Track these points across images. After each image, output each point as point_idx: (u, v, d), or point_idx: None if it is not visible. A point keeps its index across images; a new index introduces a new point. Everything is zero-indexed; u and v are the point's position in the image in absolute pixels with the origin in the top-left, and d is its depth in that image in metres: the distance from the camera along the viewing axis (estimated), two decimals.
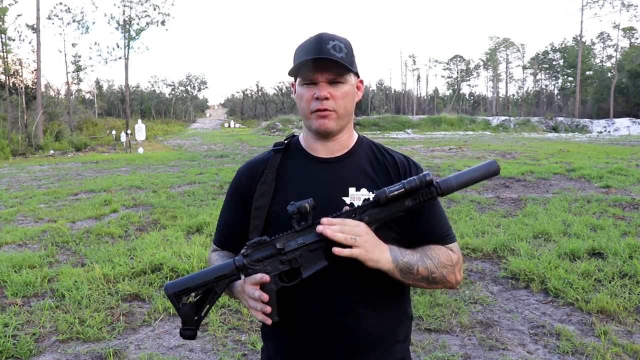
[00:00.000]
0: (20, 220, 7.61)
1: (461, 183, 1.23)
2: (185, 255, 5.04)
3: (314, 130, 1.30)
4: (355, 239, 1.14)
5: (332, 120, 1.27)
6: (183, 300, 1.22)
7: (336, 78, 1.25)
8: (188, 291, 1.22)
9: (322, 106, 1.25)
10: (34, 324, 3.68)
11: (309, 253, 1.20)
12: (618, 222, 6.32)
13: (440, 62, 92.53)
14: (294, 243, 1.20)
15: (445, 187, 1.22)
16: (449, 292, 4.14)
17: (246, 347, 3.33)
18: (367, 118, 43.05)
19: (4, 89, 28.02)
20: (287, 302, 1.26)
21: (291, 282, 1.21)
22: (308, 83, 1.27)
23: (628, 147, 19.25)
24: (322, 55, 1.22)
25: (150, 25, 39.14)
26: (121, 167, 15.92)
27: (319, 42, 1.24)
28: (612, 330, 3.39)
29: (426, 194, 1.21)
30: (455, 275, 1.27)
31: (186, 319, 1.23)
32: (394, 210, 1.21)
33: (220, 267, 1.23)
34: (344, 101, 1.27)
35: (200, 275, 1.23)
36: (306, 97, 1.27)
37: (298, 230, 1.20)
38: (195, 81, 79.71)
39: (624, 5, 51.02)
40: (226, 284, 1.23)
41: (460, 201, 8.14)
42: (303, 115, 1.31)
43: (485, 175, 1.24)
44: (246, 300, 1.21)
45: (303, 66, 1.25)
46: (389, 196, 1.18)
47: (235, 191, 1.41)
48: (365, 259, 1.15)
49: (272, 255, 1.21)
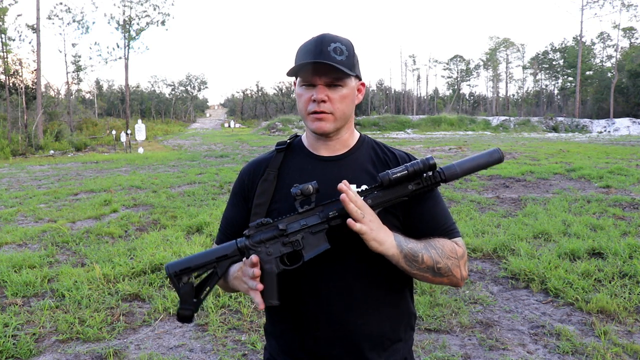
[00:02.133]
0: (20, 220, 7.62)
1: (465, 170, 1.22)
2: (185, 255, 5.03)
3: (312, 131, 1.31)
4: (363, 215, 1.14)
5: (328, 123, 1.27)
6: (183, 280, 1.21)
7: (334, 81, 1.25)
8: (189, 271, 1.21)
9: (318, 109, 1.25)
10: (34, 324, 3.68)
11: (311, 235, 1.19)
12: (618, 222, 6.32)
13: (440, 62, 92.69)
14: (297, 225, 1.20)
15: (449, 173, 1.22)
16: (449, 292, 4.14)
17: (246, 347, 3.33)
18: (367, 118, 43.02)
19: (4, 89, 28.02)
20: (289, 298, 1.26)
21: (293, 265, 1.21)
22: (307, 84, 1.27)
23: (628, 147, 19.25)
24: (321, 59, 1.21)
25: (150, 25, 39.17)
26: (121, 167, 15.92)
27: (319, 44, 1.23)
28: (612, 330, 3.39)
29: (429, 179, 1.21)
30: (460, 269, 1.26)
31: (185, 298, 1.21)
32: (397, 194, 1.21)
33: (222, 248, 1.23)
34: (342, 104, 1.27)
35: (202, 256, 1.22)
36: (304, 99, 1.28)
37: (301, 212, 1.20)
38: (195, 81, 79.73)
39: (624, 5, 51.04)
40: (227, 265, 1.22)
41: (460, 201, 8.14)
42: (301, 115, 1.32)
43: (488, 162, 1.23)
44: (245, 283, 1.20)
45: (302, 68, 1.25)
46: (391, 178, 1.18)
47: (237, 190, 1.42)
48: (369, 239, 1.14)
49: (275, 237, 1.20)
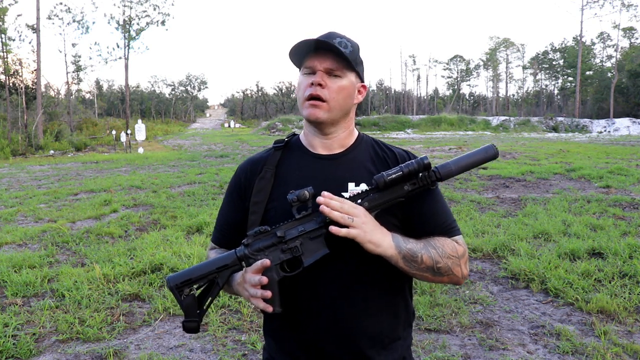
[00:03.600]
0: (20, 220, 7.61)
1: (460, 167, 1.22)
2: (185, 255, 5.04)
3: (305, 118, 1.30)
4: (352, 220, 1.13)
5: (322, 111, 1.26)
6: (185, 292, 1.21)
7: (334, 70, 1.25)
8: (190, 283, 1.21)
9: (314, 92, 1.25)
10: (34, 324, 3.68)
11: (310, 241, 1.19)
12: (618, 222, 6.32)
13: (440, 62, 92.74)
14: (295, 231, 1.20)
15: (445, 171, 1.22)
16: (449, 292, 4.14)
17: (246, 347, 3.33)
18: (367, 118, 43.00)
19: (4, 89, 28.02)
20: (287, 298, 1.25)
21: (293, 271, 1.21)
22: (308, 72, 1.27)
23: (628, 147, 19.25)
24: (325, 42, 1.23)
25: (150, 25, 39.19)
26: (121, 167, 15.92)
27: (326, 35, 1.26)
28: (612, 330, 3.39)
29: (425, 179, 1.21)
30: (461, 268, 1.25)
31: (188, 311, 1.22)
32: (394, 195, 1.21)
33: (221, 258, 1.23)
34: (339, 95, 1.26)
35: (202, 267, 1.23)
36: (303, 85, 1.28)
37: (298, 219, 1.20)
38: (195, 81, 79.72)
39: (624, 5, 51.03)
40: (228, 274, 1.22)
41: (460, 201, 8.14)
42: (299, 104, 1.31)
43: (484, 159, 1.23)
44: (246, 290, 1.20)
45: (303, 48, 1.25)
46: (387, 180, 1.18)
47: (233, 189, 1.41)
48: (364, 241, 1.14)
49: (273, 244, 1.20)
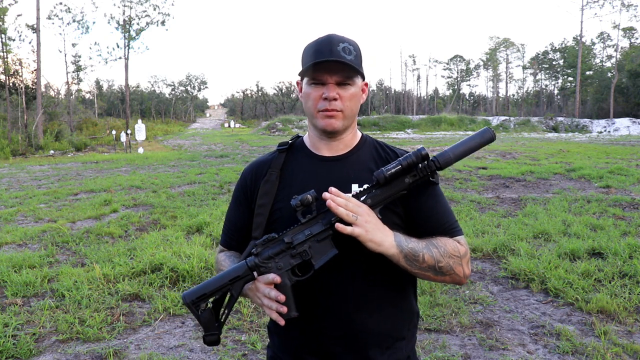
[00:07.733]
0: (20, 220, 7.61)
1: (458, 154, 1.23)
2: (185, 255, 5.03)
3: (320, 129, 1.31)
4: (356, 218, 1.15)
5: (338, 120, 1.29)
6: (202, 307, 1.23)
7: (345, 80, 1.27)
8: (205, 297, 1.23)
9: (330, 107, 1.27)
10: (34, 324, 3.68)
11: (318, 243, 1.20)
12: (618, 222, 6.32)
13: (440, 62, 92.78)
14: (302, 235, 1.21)
15: (443, 159, 1.22)
16: (449, 292, 4.15)
17: (246, 347, 3.33)
18: (367, 118, 43.00)
19: (4, 89, 28.03)
20: (296, 298, 1.26)
21: (304, 275, 1.22)
22: (316, 83, 1.28)
23: (628, 147, 19.26)
24: (333, 57, 1.23)
25: (150, 25, 39.19)
26: (121, 167, 15.92)
27: (328, 43, 1.25)
28: (612, 330, 3.39)
29: (425, 169, 1.22)
30: (463, 268, 1.26)
31: (207, 325, 1.24)
32: (395, 189, 1.22)
33: (233, 270, 1.24)
34: (351, 102, 1.29)
35: (215, 280, 1.24)
36: (313, 96, 1.29)
37: (304, 223, 1.21)
38: (195, 81, 79.62)
39: (624, 5, 51.03)
40: (241, 285, 1.23)
41: (460, 201, 8.14)
42: (309, 114, 1.32)
43: (481, 143, 1.24)
44: (260, 299, 1.21)
45: (315, 67, 1.26)
46: (387, 175, 1.19)
47: (240, 192, 1.43)
48: (366, 240, 1.15)
49: (282, 250, 1.21)
